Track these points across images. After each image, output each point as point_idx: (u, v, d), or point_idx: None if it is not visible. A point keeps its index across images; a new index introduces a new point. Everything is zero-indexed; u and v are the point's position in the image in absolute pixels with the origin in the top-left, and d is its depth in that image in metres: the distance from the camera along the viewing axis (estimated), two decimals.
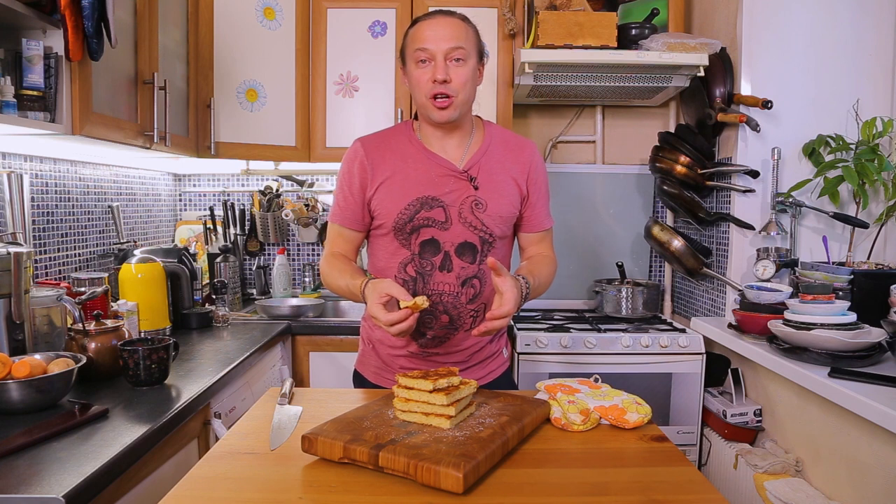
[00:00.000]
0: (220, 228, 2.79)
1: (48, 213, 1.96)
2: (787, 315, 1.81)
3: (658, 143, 2.52)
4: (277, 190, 2.85)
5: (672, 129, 2.68)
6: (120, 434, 1.17)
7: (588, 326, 2.42)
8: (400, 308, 1.26)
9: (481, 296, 1.49)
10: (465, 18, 1.44)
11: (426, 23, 1.41)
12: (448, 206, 1.45)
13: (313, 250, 2.94)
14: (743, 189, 2.20)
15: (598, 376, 1.35)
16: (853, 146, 2.06)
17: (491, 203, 1.47)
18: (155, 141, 1.88)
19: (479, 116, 1.56)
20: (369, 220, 1.51)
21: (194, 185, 2.93)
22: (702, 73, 2.26)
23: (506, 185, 1.49)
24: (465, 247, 1.47)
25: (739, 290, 2.15)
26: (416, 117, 1.54)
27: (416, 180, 1.46)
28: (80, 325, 1.50)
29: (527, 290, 1.40)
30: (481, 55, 1.47)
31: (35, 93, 1.46)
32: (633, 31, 2.33)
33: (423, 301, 1.24)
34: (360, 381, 1.62)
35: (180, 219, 2.92)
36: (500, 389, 1.44)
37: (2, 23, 1.44)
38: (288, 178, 2.87)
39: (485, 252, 1.48)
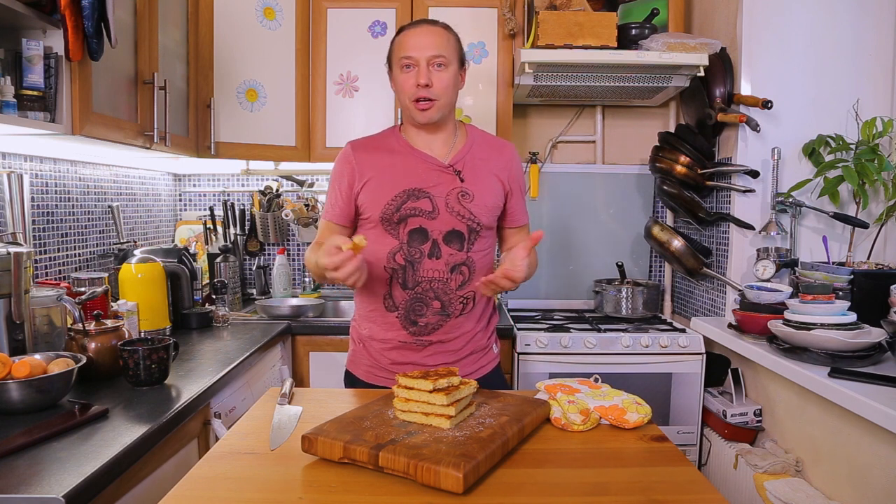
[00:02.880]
0: (220, 228, 2.79)
1: (48, 213, 1.96)
2: (787, 315, 1.81)
3: (658, 143, 2.52)
4: (277, 190, 2.85)
5: (672, 129, 2.68)
6: (120, 434, 1.17)
7: (588, 326, 2.42)
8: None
9: (470, 283, 1.54)
10: (446, 27, 1.55)
11: (411, 32, 1.52)
12: (435, 196, 1.51)
13: None
14: (743, 189, 2.20)
15: (598, 376, 1.35)
16: (853, 146, 2.06)
17: (478, 194, 1.53)
18: (155, 141, 1.88)
19: (461, 121, 1.66)
20: (356, 216, 1.58)
21: (194, 185, 2.93)
22: (702, 73, 2.26)
23: (490, 180, 1.57)
24: (452, 234, 1.52)
25: (739, 290, 2.14)
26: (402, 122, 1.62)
27: (403, 174, 1.53)
28: (80, 325, 1.50)
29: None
30: (462, 62, 1.56)
31: (35, 93, 1.46)
32: (633, 31, 2.33)
33: (360, 240, 1.29)
34: (351, 380, 1.64)
35: (180, 219, 2.92)
36: (491, 385, 1.47)
37: (2, 23, 1.44)
38: (288, 178, 2.87)
39: (471, 240, 1.53)
